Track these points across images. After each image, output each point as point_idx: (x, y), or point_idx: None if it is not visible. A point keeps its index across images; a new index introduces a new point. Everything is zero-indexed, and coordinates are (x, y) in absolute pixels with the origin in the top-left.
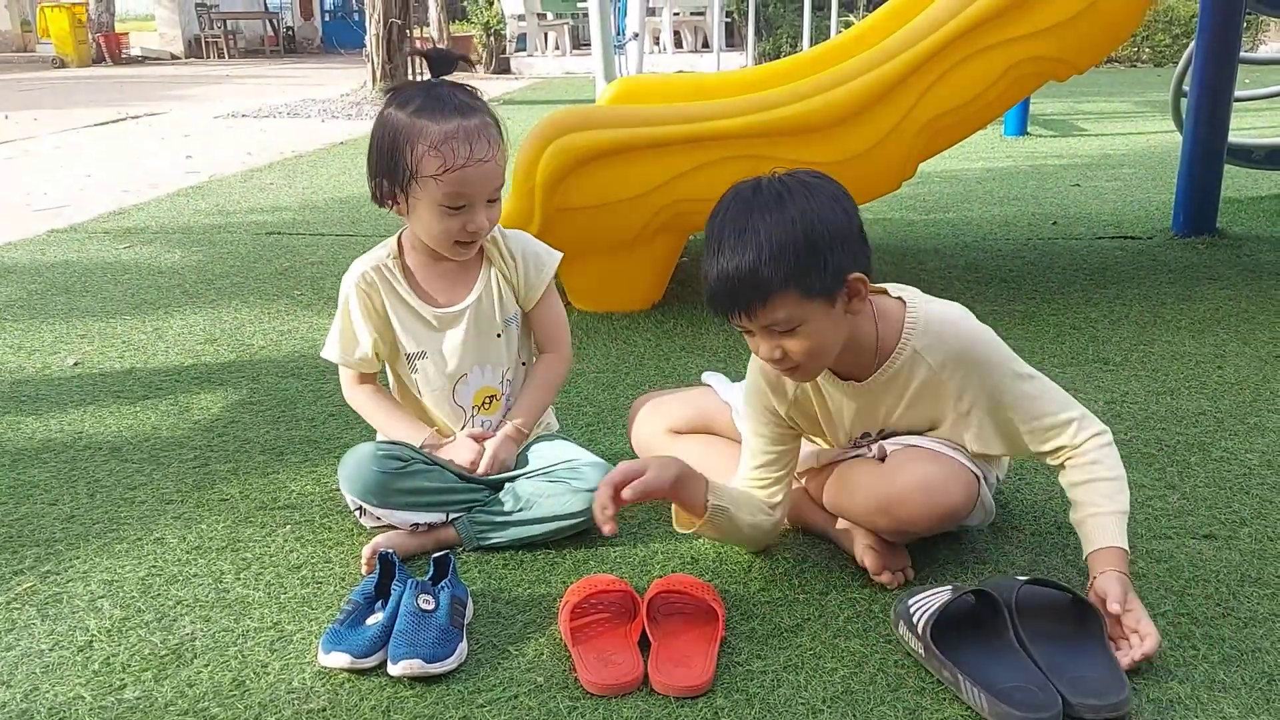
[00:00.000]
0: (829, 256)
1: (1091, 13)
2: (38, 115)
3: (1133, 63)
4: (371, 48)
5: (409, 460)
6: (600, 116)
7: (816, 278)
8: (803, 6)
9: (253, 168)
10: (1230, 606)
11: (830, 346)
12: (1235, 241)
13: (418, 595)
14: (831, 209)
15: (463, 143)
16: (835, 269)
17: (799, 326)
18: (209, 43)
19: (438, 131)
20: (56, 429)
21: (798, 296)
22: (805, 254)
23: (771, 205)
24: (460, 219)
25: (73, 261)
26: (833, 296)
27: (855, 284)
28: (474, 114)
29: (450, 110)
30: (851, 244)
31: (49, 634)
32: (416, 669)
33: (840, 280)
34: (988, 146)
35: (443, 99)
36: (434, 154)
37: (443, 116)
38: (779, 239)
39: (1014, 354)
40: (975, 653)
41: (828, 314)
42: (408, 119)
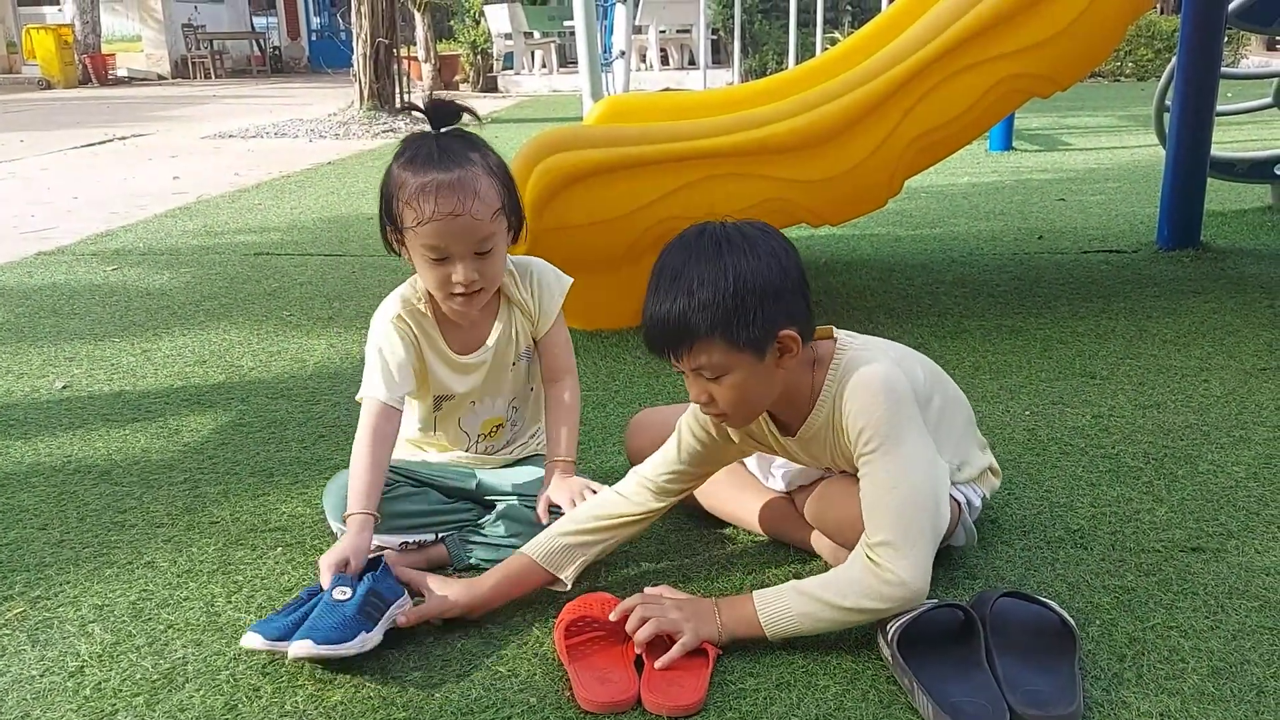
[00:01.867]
0: (759, 310)
1: (1074, 30)
2: (24, 137)
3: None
4: (359, 67)
5: (393, 485)
6: (588, 136)
7: (744, 330)
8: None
9: (240, 188)
10: (1219, 619)
11: (757, 398)
12: (1219, 255)
13: (336, 587)
14: (768, 264)
15: (433, 196)
16: (765, 324)
17: (724, 375)
18: (196, 63)
19: (414, 184)
20: (45, 453)
21: (724, 346)
22: (734, 306)
23: (709, 254)
24: (445, 270)
25: (60, 284)
26: (762, 350)
27: (786, 340)
28: (456, 167)
29: (430, 163)
30: (785, 300)
31: (39, 660)
32: (305, 650)
33: (770, 335)
34: (973, 162)
35: (428, 152)
36: (409, 207)
37: (422, 170)
38: (710, 288)
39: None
40: (939, 664)
41: (755, 366)
42: (397, 170)
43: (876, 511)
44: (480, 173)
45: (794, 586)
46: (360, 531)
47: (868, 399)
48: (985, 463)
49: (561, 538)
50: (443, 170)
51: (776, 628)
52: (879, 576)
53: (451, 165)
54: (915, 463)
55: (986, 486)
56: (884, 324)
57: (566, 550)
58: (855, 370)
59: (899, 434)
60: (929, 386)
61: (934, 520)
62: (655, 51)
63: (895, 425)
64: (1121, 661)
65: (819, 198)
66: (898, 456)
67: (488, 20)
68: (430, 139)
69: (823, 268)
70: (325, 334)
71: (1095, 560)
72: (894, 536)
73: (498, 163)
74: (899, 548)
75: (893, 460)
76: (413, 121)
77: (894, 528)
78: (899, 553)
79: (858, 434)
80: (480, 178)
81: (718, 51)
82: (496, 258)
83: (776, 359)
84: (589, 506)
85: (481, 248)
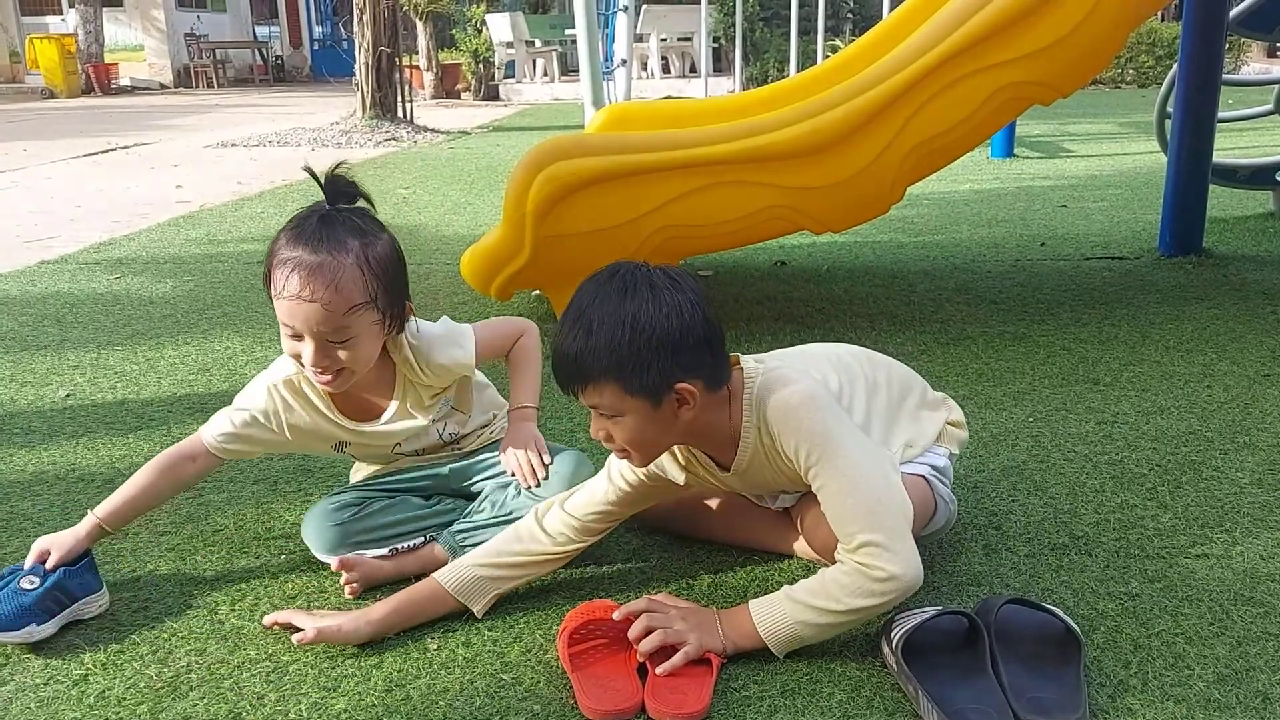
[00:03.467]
0: (654, 361)
1: (1074, 38)
2: (27, 146)
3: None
4: (361, 76)
5: (363, 502)
6: (590, 144)
7: (637, 378)
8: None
9: (243, 197)
10: (1224, 625)
11: (653, 442)
12: (1221, 261)
13: (25, 575)
14: (668, 315)
15: (286, 274)
16: (660, 374)
17: (619, 417)
18: (198, 72)
19: (280, 256)
20: (49, 461)
21: (617, 390)
22: (628, 354)
23: (613, 298)
24: (297, 346)
25: (63, 292)
26: (657, 398)
27: (682, 393)
28: (324, 252)
29: (302, 241)
30: (683, 354)
31: (43, 668)
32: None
33: (666, 385)
34: (975, 168)
35: (311, 229)
36: (273, 276)
37: (293, 244)
38: (607, 332)
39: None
40: (944, 671)
41: (650, 412)
42: (280, 235)
43: (843, 519)
44: (348, 263)
45: (787, 594)
46: (82, 532)
47: (793, 420)
48: (939, 421)
49: (477, 568)
50: (310, 252)
51: (777, 638)
52: (868, 575)
53: (321, 249)
54: (861, 462)
55: (951, 442)
56: (886, 331)
57: (479, 582)
58: (770, 397)
59: (835, 440)
60: (847, 386)
61: (900, 509)
62: (657, 60)
63: (828, 434)
64: (1127, 668)
65: (821, 205)
66: (842, 462)
67: (489, 29)
68: (317, 215)
69: (825, 275)
70: None
71: (1100, 567)
72: (871, 535)
73: (381, 254)
74: (879, 543)
75: (839, 466)
76: (415, 131)
77: (867, 528)
78: (880, 548)
79: (795, 453)
80: (345, 269)
81: (719, 59)
82: (356, 348)
83: (675, 407)
84: (510, 540)
85: (333, 336)
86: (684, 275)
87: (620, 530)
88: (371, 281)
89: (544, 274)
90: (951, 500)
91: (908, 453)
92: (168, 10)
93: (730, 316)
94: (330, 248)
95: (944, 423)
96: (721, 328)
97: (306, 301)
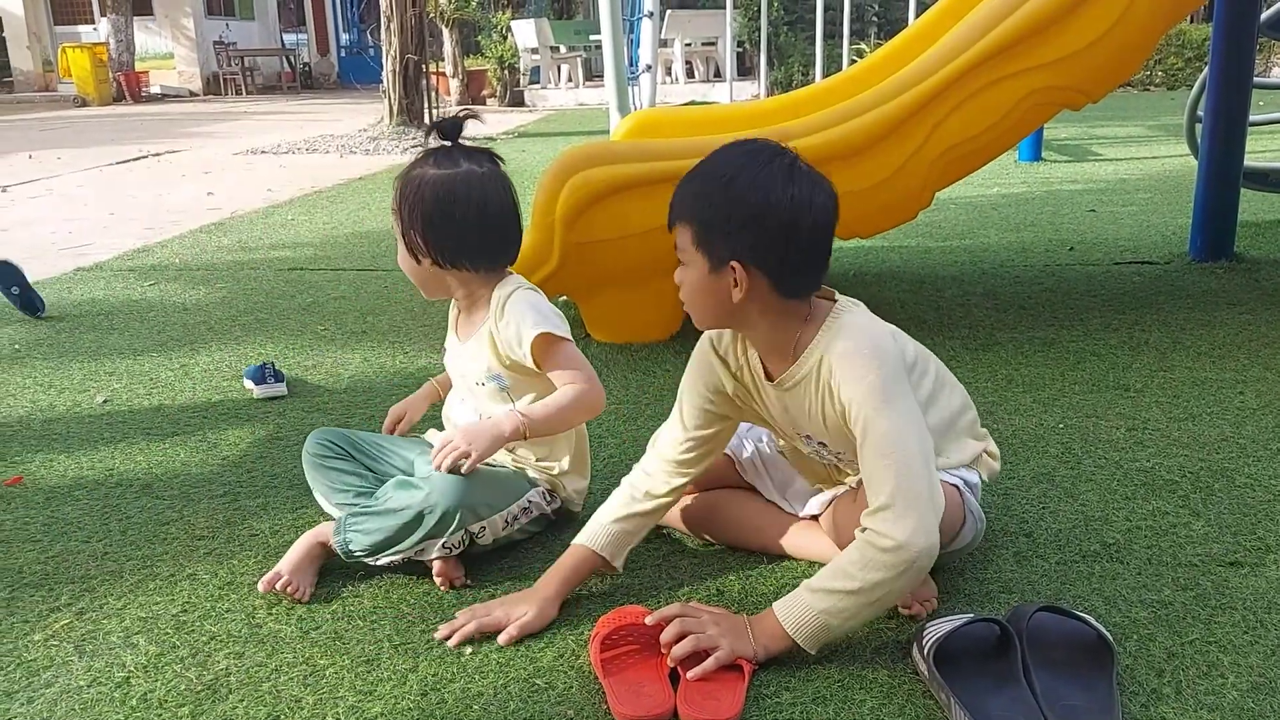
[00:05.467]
0: (727, 228)
1: (1104, 43)
2: (61, 154)
3: (1146, 86)
4: (388, 83)
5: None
6: (617, 151)
7: (706, 233)
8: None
9: (273, 204)
10: (1258, 634)
11: (702, 306)
12: (1253, 266)
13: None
14: (764, 197)
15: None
16: (728, 243)
17: (685, 265)
18: (227, 80)
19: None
20: (88, 466)
21: (689, 237)
22: (707, 207)
23: (736, 159)
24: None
25: (99, 299)
26: (716, 264)
27: (735, 272)
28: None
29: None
30: (759, 238)
31: (86, 670)
32: None
33: (725, 257)
34: (1002, 173)
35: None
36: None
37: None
38: (703, 182)
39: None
40: (976, 679)
41: (706, 275)
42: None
43: (874, 480)
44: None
45: (806, 586)
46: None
47: (859, 368)
48: (979, 449)
49: (614, 524)
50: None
51: (805, 632)
52: (875, 545)
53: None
54: (906, 434)
55: (984, 469)
56: (915, 336)
57: (619, 537)
58: (845, 336)
59: (890, 403)
60: (921, 364)
61: (929, 489)
62: (681, 64)
63: (885, 394)
64: (1160, 676)
65: (849, 210)
66: (889, 425)
67: (515, 35)
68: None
69: (853, 280)
70: (359, 348)
71: (1132, 575)
72: (888, 500)
73: (437, 182)
74: (893, 509)
75: (884, 429)
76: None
77: (889, 492)
78: (893, 513)
79: (848, 401)
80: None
81: (743, 64)
82: (400, 251)
83: (728, 283)
84: (627, 492)
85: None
86: (825, 181)
87: (650, 538)
88: (398, 199)
89: (572, 280)
90: (980, 518)
91: (942, 461)
92: (197, 19)
93: None
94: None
95: (982, 450)
96: (829, 246)
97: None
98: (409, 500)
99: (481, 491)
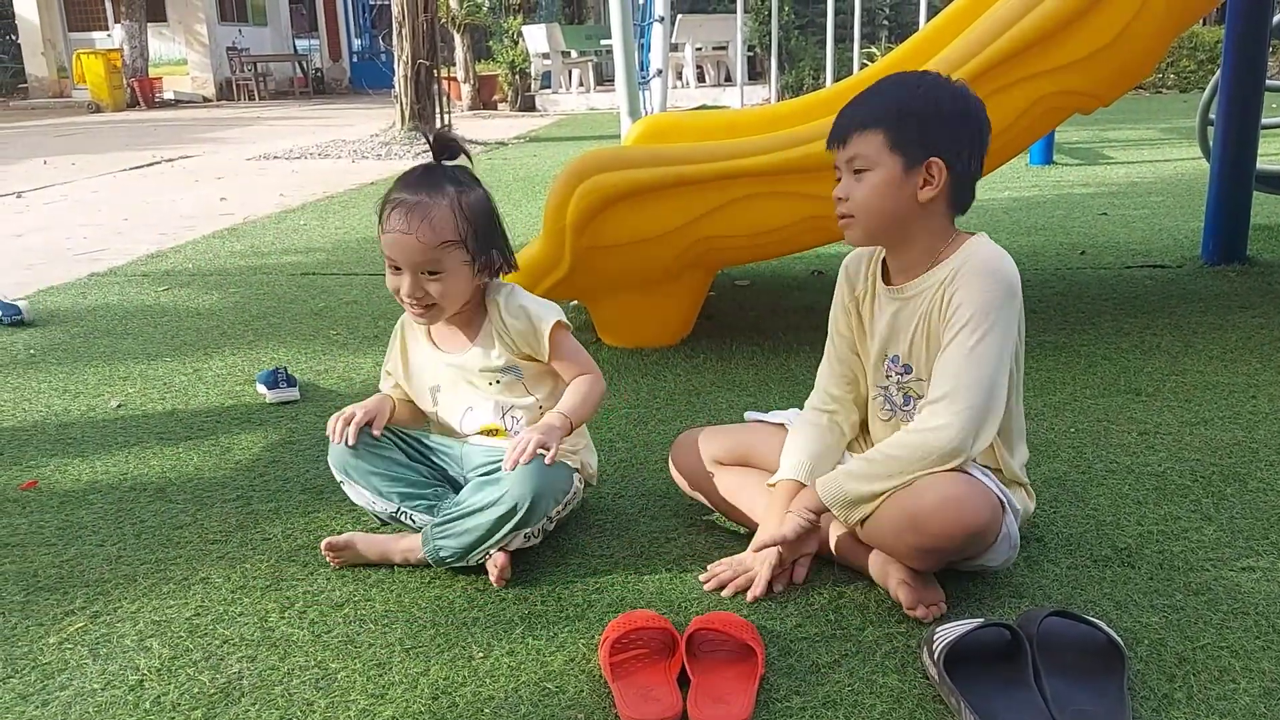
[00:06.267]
0: (929, 126)
1: (1117, 46)
2: (75, 160)
3: (1158, 89)
4: (400, 88)
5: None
6: (628, 156)
7: (906, 132)
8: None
9: (286, 209)
10: (1270, 639)
11: (886, 211)
12: (1266, 269)
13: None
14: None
15: (390, 210)
16: (925, 142)
17: (869, 171)
18: (240, 85)
19: (389, 198)
20: (102, 471)
21: (882, 141)
22: (910, 110)
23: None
24: (397, 280)
25: (113, 304)
26: (913, 162)
27: (932, 167)
28: (423, 193)
29: (407, 186)
30: (950, 134)
31: (100, 673)
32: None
33: (923, 154)
34: (1014, 176)
35: (415, 176)
36: (382, 214)
37: (399, 189)
38: (898, 91)
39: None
40: (986, 684)
41: (897, 176)
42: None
43: (944, 374)
44: (443, 204)
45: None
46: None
47: (983, 284)
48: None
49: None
50: (411, 193)
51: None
52: (925, 424)
53: (421, 191)
54: (992, 357)
55: (1020, 501)
56: None
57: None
58: (984, 254)
59: (996, 323)
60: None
61: (993, 403)
62: (692, 69)
63: (997, 312)
64: (1171, 681)
65: None
66: (981, 344)
67: (526, 40)
68: (423, 166)
69: None
70: (372, 352)
71: (1143, 579)
72: (949, 391)
73: (473, 201)
74: (953, 400)
75: (974, 343)
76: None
77: (952, 392)
78: (951, 403)
79: (957, 306)
80: (439, 209)
81: (754, 68)
82: (447, 283)
83: (919, 183)
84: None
85: (427, 268)
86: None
87: (662, 540)
88: (462, 223)
89: (583, 285)
90: (1015, 544)
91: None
92: (210, 25)
93: (768, 326)
94: (429, 191)
95: (1025, 482)
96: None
97: (404, 234)
98: (496, 495)
99: (555, 480)
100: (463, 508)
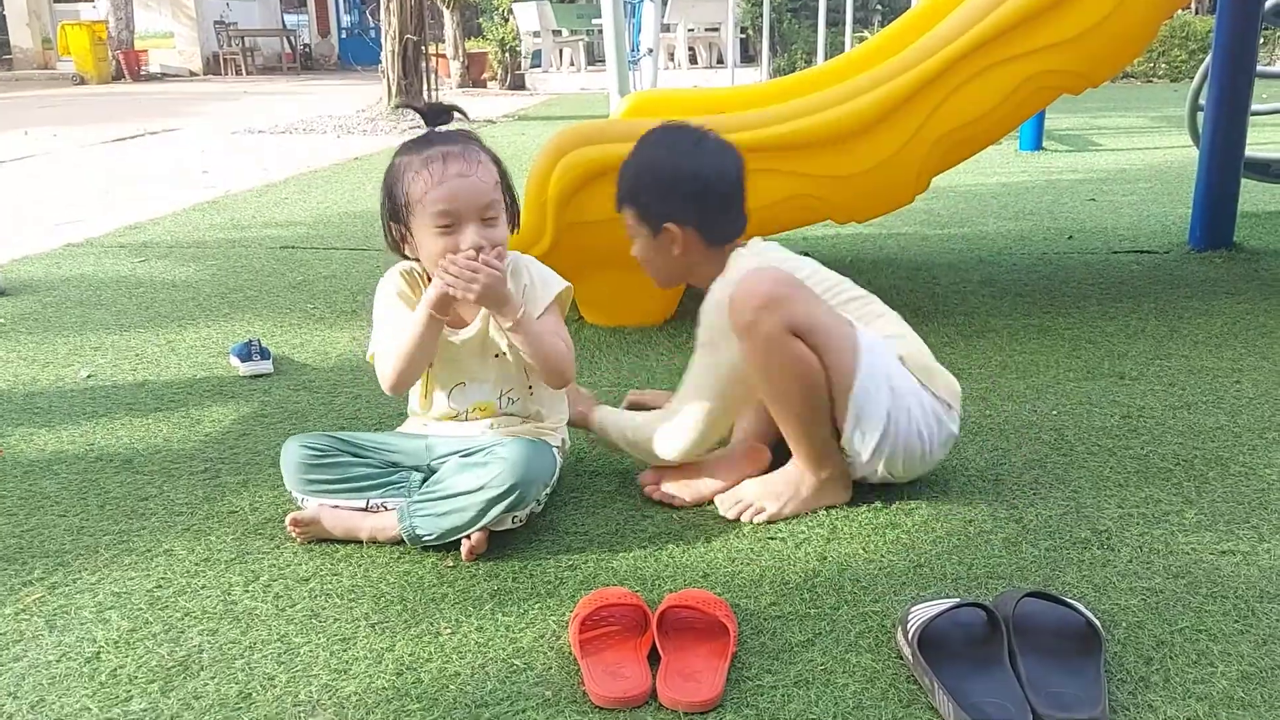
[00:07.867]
0: (651, 201)
1: (1106, 26)
2: (57, 131)
3: (1149, 78)
4: (387, 64)
5: (327, 451)
6: (612, 131)
7: (641, 209)
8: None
9: (268, 183)
10: (1249, 623)
11: (656, 266)
12: (1253, 255)
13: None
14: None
15: (441, 162)
16: (656, 213)
17: (636, 238)
18: (227, 60)
19: (420, 158)
20: (68, 441)
21: (632, 215)
22: (638, 188)
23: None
24: (452, 239)
25: (88, 275)
26: (654, 229)
27: (670, 231)
28: (457, 143)
29: (433, 143)
30: (674, 202)
31: (56, 645)
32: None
33: (659, 222)
34: (1003, 161)
35: (428, 138)
36: (418, 176)
37: (426, 148)
38: (633, 168)
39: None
40: (961, 664)
41: (650, 241)
42: (399, 159)
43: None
44: (479, 150)
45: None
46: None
47: (708, 306)
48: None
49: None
50: (447, 144)
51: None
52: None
53: (453, 142)
54: (709, 369)
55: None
56: (909, 323)
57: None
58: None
59: (709, 348)
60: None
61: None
62: (684, 50)
63: (710, 335)
64: (1148, 664)
65: (845, 194)
66: (702, 358)
67: (516, 18)
68: (429, 133)
69: (848, 266)
70: (348, 327)
71: (1122, 562)
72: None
73: (492, 154)
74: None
75: (698, 359)
76: None
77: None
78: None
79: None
80: (480, 154)
81: (746, 50)
82: (500, 229)
83: (668, 243)
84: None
85: (487, 213)
86: (731, 148)
87: (636, 517)
88: (498, 170)
89: (565, 261)
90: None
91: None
92: None
93: None
94: (460, 141)
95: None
96: (741, 199)
97: (468, 177)
98: (487, 478)
99: (544, 462)
100: (445, 488)
